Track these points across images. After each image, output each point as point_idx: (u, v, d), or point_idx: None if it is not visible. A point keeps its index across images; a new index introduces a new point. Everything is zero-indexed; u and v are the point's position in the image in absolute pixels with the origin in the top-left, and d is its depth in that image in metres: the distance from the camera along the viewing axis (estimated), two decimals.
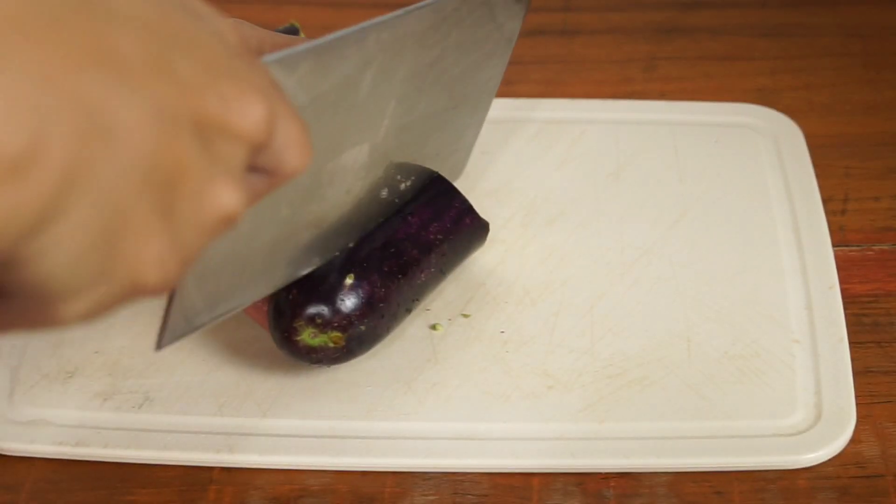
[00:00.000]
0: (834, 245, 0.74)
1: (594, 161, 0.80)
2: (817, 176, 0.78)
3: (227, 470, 0.63)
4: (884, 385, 0.67)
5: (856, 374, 0.67)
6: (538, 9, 0.94)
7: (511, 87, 0.87)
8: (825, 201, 0.77)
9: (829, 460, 0.63)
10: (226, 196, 0.42)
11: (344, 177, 0.62)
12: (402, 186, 0.68)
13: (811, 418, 0.64)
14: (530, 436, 0.64)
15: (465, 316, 0.70)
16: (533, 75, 0.88)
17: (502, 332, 0.69)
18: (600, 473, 0.63)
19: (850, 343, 0.68)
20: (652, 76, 0.88)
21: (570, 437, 0.64)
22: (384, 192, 0.66)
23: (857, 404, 0.65)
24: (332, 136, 0.59)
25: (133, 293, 0.41)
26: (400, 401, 0.66)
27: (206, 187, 0.41)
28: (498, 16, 0.66)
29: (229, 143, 0.42)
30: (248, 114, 0.42)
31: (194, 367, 0.67)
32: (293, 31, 0.77)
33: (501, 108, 0.84)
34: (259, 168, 0.45)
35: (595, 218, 0.76)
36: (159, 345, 0.55)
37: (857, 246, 0.75)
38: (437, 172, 0.70)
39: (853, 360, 0.67)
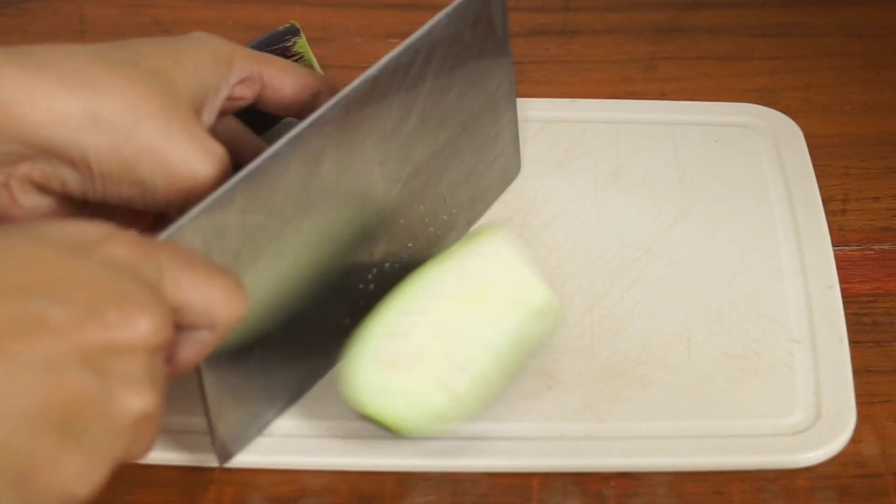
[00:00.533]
0: (834, 245, 0.74)
1: (594, 161, 0.80)
2: (817, 176, 0.78)
3: (227, 470, 0.63)
4: (884, 385, 0.67)
5: (856, 373, 0.67)
6: (538, 9, 0.94)
7: None
8: (825, 201, 0.77)
9: (829, 460, 0.63)
10: (133, 403, 0.46)
11: (358, 247, 0.63)
12: (446, 217, 0.70)
13: (811, 418, 0.64)
14: (530, 436, 0.64)
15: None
16: (533, 75, 0.88)
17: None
18: (600, 473, 0.63)
19: (850, 343, 0.68)
20: (652, 76, 0.88)
21: (570, 437, 0.64)
22: (431, 229, 0.69)
23: (857, 404, 0.65)
24: (315, 228, 0.60)
25: None
26: None
27: (109, 405, 0.45)
28: (480, 21, 0.66)
29: (124, 358, 0.46)
30: (133, 329, 0.46)
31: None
32: (294, 31, 0.77)
33: None
34: (197, 328, 0.51)
35: (595, 218, 0.76)
36: (221, 462, 0.60)
37: (857, 246, 0.75)
38: None
39: (853, 359, 0.67)
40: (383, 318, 0.62)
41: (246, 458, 0.63)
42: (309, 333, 0.63)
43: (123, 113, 0.57)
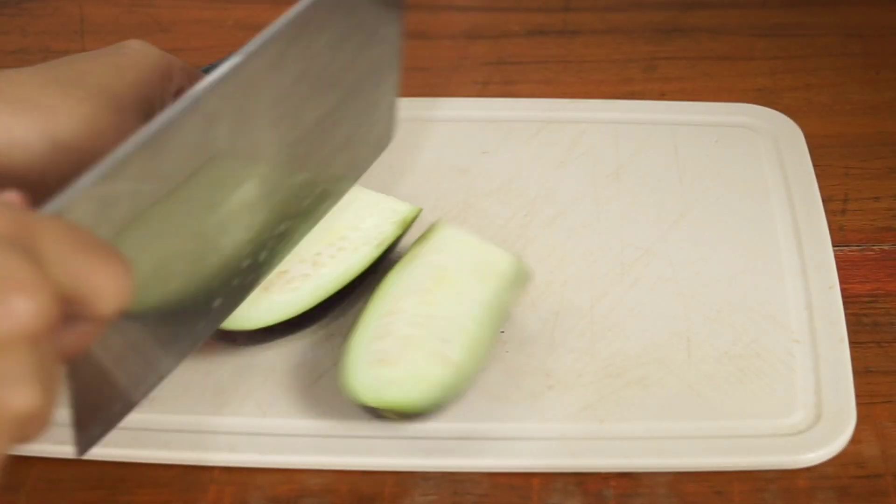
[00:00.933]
0: (834, 245, 0.74)
1: (594, 161, 0.80)
2: (817, 176, 0.78)
3: (227, 470, 0.63)
4: (884, 385, 0.67)
5: (856, 374, 0.67)
6: (538, 9, 0.94)
7: (511, 87, 0.87)
8: (825, 201, 0.77)
9: (829, 460, 0.63)
10: (16, 401, 0.41)
11: (237, 218, 0.60)
12: (320, 189, 0.67)
13: (811, 418, 0.64)
14: (530, 436, 0.64)
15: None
16: (533, 75, 0.88)
17: (502, 331, 0.69)
18: (600, 473, 0.63)
19: (850, 343, 0.68)
20: (652, 76, 0.88)
21: (570, 437, 0.64)
22: (306, 202, 0.66)
23: (857, 404, 0.65)
24: (200, 197, 0.56)
25: None
26: None
27: None
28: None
29: (2, 351, 0.41)
30: (12, 316, 0.40)
31: (194, 366, 0.67)
32: None
33: (501, 107, 0.84)
34: (80, 314, 0.44)
35: (595, 218, 0.76)
36: (79, 452, 0.54)
37: (857, 246, 0.75)
38: None
39: (853, 360, 0.67)
40: (364, 325, 0.64)
41: (246, 458, 0.63)
42: (179, 313, 0.59)
43: (79, 133, 0.57)
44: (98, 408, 0.55)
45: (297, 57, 0.60)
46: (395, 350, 0.63)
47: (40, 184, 0.57)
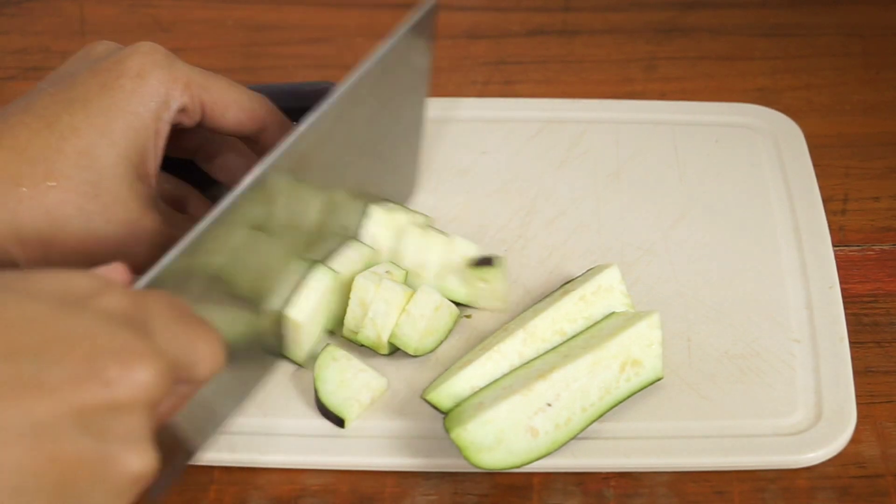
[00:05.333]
0: (834, 245, 0.74)
1: (594, 161, 0.80)
2: (817, 176, 0.78)
3: (227, 470, 0.63)
4: (884, 385, 0.67)
5: (856, 373, 0.67)
6: (538, 9, 0.94)
7: (511, 87, 0.87)
8: (825, 201, 0.77)
9: (830, 460, 0.63)
10: (131, 464, 0.43)
11: (278, 270, 0.64)
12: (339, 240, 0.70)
13: (811, 418, 0.64)
14: None
15: (467, 317, 0.70)
16: (533, 75, 0.88)
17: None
18: (600, 473, 0.63)
19: (851, 343, 0.68)
20: (652, 76, 0.88)
21: None
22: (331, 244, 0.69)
23: (858, 404, 0.65)
24: (260, 263, 0.61)
25: None
26: (400, 400, 0.66)
27: (110, 468, 0.43)
28: (408, 62, 0.67)
29: (124, 417, 0.43)
30: (134, 384, 0.43)
31: None
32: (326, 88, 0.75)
33: (501, 107, 0.84)
34: (178, 380, 0.48)
35: (595, 218, 0.76)
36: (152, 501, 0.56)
37: (857, 246, 0.75)
38: None
39: (853, 359, 0.67)
40: (528, 391, 0.62)
41: (246, 458, 0.63)
42: (236, 361, 0.62)
43: (43, 227, 0.58)
44: (166, 461, 0.57)
45: (343, 129, 0.63)
46: (548, 429, 0.62)
47: (10, 264, 0.59)
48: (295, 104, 0.68)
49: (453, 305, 0.68)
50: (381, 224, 0.70)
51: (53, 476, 0.42)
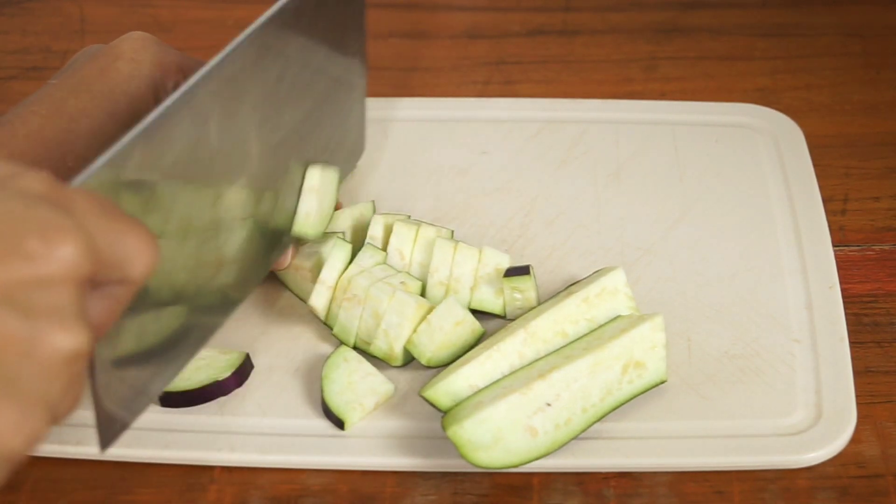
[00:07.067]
0: (834, 245, 0.74)
1: (594, 161, 0.80)
2: (817, 176, 0.78)
3: (227, 470, 0.63)
4: (884, 385, 0.67)
5: (856, 373, 0.67)
6: (538, 9, 0.94)
7: (511, 87, 0.87)
8: (825, 201, 0.77)
9: (830, 460, 0.63)
10: (62, 340, 0.42)
11: (232, 215, 0.62)
12: (291, 202, 0.68)
13: (811, 418, 0.64)
14: None
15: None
16: (533, 75, 0.88)
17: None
18: (600, 473, 0.63)
19: (851, 343, 0.68)
20: (652, 76, 0.88)
21: None
22: (280, 217, 0.67)
23: (858, 404, 0.65)
24: (199, 193, 0.59)
25: (8, 460, 0.41)
26: (401, 400, 0.66)
27: (38, 344, 0.42)
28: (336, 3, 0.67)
29: (50, 291, 0.42)
30: (58, 257, 0.42)
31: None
32: None
33: (501, 107, 0.84)
34: (110, 282, 0.46)
35: (595, 218, 0.76)
36: (103, 445, 0.55)
37: (857, 246, 0.75)
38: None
39: (853, 360, 0.67)
40: (527, 388, 0.62)
41: (246, 458, 0.63)
42: (190, 305, 0.61)
43: None
44: (120, 401, 0.56)
45: (273, 59, 0.62)
46: (547, 429, 0.62)
47: None
48: None
49: (477, 323, 0.67)
50: (406, 238, 0.69)
51: None
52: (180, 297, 0.59)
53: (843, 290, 0.71)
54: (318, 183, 0.68)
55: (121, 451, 0.63)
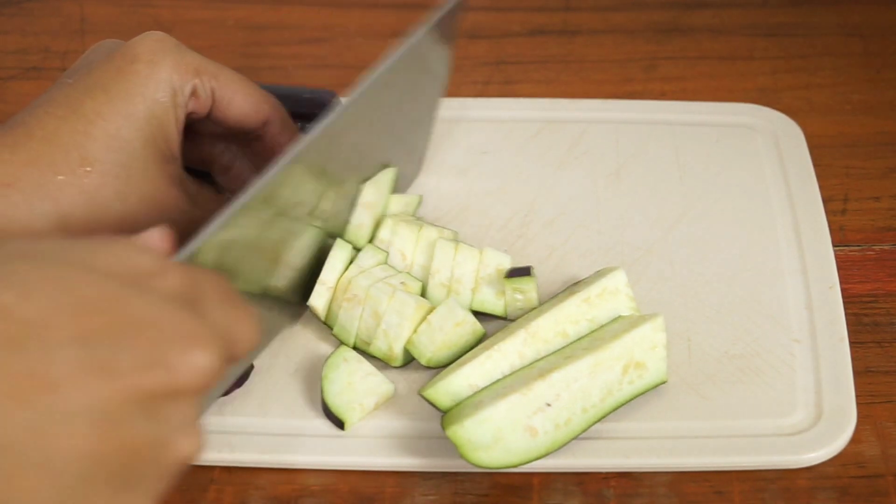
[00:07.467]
0: (834, 245, 0.74)
1: (594, 161, 0.80)
2: (817, 176, 0.78)
3: (227, 470, 0.63)
4: (884, 385, 0.67)
5: (856, 374, 0.67)
6: (538, 9, 0.94)
7: (511, 87, 0.87)
8: (825, 201, 0.77)
9: (830, 460, 0.63)
10: (183, 448, 0.44)
11: (298, 235, 0.65)
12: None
13: (811, 418, 0.64)
14: None
15: None
16: (533, 75, 0.88)
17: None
18: (600, 473, 0.63)
19: (851, 343, 0.68)
20: (652, 76, 0.88)
21: None
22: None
23: (858, 404, 0.65)
24: (281, 229, 0.62)
25: None
26: (401, 400, 0.66)
27: (165, 451, 0.44)
28: (435, 51, 0.69)
29: (181, 402, 0.44)
30: (195, 368, 0.44)
31: None
32: (327, 97, 0.75)
33: (501, 107, 0.84)
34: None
35: (595, 218, 0.76)
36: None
37: (857, 246, 0.75)
38: None
39: (853, 359, 0.67)
40: (527, 389, 0.62)
41: (246, 458, 0.63)
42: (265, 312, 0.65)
43: (85, 213, 0.60)
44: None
45: (371, 111, 0.65)
46: (547, 429, 0.61)
47: None
48: (291, 108, 0.69)
49: (478, 324, 0.67)
50: (408, 239, 0.69)
51: (116, 461, 0.42)
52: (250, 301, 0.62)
53: (843, 290, 0.71)
54: (372, 199, 0.70)
55: None
